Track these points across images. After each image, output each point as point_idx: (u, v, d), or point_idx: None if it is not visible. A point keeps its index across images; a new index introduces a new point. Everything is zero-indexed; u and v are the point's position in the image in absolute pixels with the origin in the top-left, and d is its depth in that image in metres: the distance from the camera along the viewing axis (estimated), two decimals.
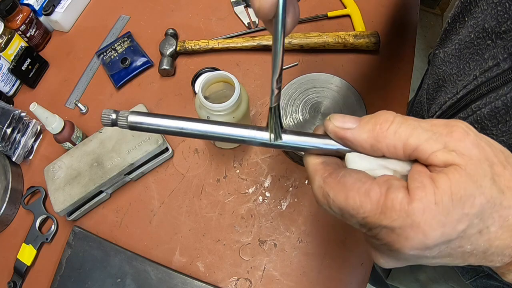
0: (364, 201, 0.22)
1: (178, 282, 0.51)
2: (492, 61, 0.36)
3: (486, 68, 0.37)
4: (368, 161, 0.25)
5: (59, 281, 0.53)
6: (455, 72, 0.43)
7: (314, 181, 0.26)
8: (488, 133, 0.37)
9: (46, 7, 0.72)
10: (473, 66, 0.39)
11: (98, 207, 0.59)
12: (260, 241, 0.54)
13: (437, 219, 0.21)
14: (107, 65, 0.69)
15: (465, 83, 0.40)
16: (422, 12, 1.87)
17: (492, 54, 0.36)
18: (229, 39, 0.67)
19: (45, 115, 0.55)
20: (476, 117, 0.38)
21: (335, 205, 0.24)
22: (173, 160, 0.61)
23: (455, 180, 0.21)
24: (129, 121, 0.26)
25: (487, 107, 0.36)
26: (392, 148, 0.23)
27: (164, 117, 0.26)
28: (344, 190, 0.23)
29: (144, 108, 0.59)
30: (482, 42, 0.37)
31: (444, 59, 0.46)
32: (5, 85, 0.69)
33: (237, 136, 0.27)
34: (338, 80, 0.57)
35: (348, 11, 0.67)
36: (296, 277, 0.51)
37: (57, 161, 0.57)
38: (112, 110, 0.27)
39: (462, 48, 0.42)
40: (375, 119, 0.24)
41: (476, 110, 0.38)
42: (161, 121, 0.26)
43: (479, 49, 0.38)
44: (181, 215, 0.57)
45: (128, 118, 0.26)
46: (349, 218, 0.24)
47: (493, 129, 0.36)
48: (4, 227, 0.61)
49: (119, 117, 0.26)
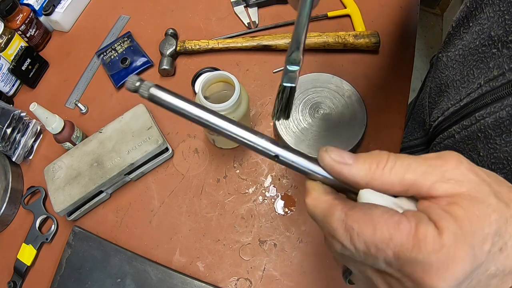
0: (395, 233, 0.21)
1: (178, 282, 0.51)
2: (497, 70, 0.35)
3: (491, 77, 0.36)
4: (383, 199, 0.24)
5: (59, 281, 0.53)
6: (459, 78, 0.42)
7: (334, 216, 0.24)
8: (491, 143, 0.36)
9: (46, 7, 0.72)
10: (477, 74, 0.39)
11: (98, 207, 0.59)
12: (260, 241, 0.54)
13: (467, 245, 0.21)
14: (107, 65, 0.69)
15: (469, 91, 0.40)
16: (422, 12, 1.88)
17: (498, 63, 0.35)
18: (229, 39, 0.67)
19: (45, 115, 0.55)
20: (479, 126, 0.37)
21: (360, 239, 0.22)
22: (173, 160, 0.61)
23: (465, 206, 0.21)
24: (150, 93, 0.27)
25: (491, 116, 0.36)
26: (388, 185, 0.23)
27: (185, 101, 0.27)
28: (371, 222, 0.22)
29: (144, 108, 0.59)
30: (487, 50, 0.37)
31: (447, 64, 0.45)
32: (5, 85, 0.69)
33: (249, 142, 0.27)
34: (338, 80, 0.57)
35: (348, 11, 0.67)
36: (296, 277, 0.51)
37: (57, 161, 0.57)
38: (138, 77, 0.27)
39: (466, 55, 0.41)
40: (371, 158, 0.24)
41: (480, 119, 0.37)
42: (181, 103, 0.27)
43: (483, 57, 0.38)
44: (181, 215, 0.57)
45: (150, 90, 0.27)
46: (375, 254, 0.22)
47: (496, 138, 0.36)
48: (4, 227, 0.61)
49: (141, 86, 0.27)
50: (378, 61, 0.63)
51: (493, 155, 0.37)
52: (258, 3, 0.70)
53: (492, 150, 0.37)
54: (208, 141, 0.61)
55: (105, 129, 0.59)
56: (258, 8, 0.71)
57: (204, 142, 0.61)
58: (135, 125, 0.58)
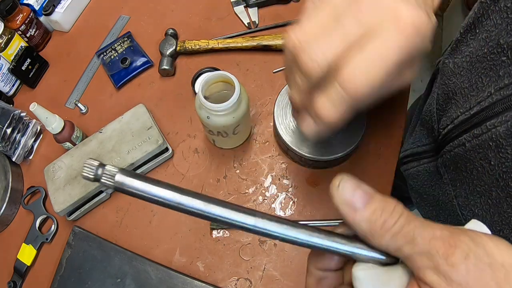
0: None
1: (178, 282, 0.51)
2: (508, 79, 0.35)
3: (502, 85, 0.36)
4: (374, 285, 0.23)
5: (59, 281, 0.53)
6: (467, 86, 0.42)
7: None
8: (503, 152, 0.36)
9: (46, 7, 0.72)
10: (487, 82, 0.38)
11: (98, 207, 0.59)
12: (260, 241, 0.54)
13: None
14: (107, 65, 0.69)
15: (479, 99, 0.39)
16: None
17: (508, 71, 0.35)
18: (229, 39, 0.67)
19: (45, 115, 0.55)
20: (491, 135, 0.37)
21: None
22: (173, 160, 0.61)
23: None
24: (116, 181, 0.22)
25: (503, 125, 0.35)
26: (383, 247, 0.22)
27: (160, 185, 0.22)
28: None
29: (144, 108, 0.59)
30: (497, 58, 0.37)
31: (454, 71, 0.45)
32: (5, 85, 0.69)
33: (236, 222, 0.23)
34: None
35: None
36: (296, 277, 0.51)
37: (57, 161, 0.57)
38: (98, 162, 0.22)
39: (474, 62, 0.41)
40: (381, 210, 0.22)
41: (491, 128, 0.37)
42: (156, 190, 0.22)
43: (492, 65, 0.37)
44: (181, 215, 0.56)
45: (116, 177, 0.22)
46: None
47: (508, 148, 0.35)
48: (4, 227, 0.61)
49: (104, 173, 0.22)
50: None
51: (505, 164, 0.36)
52: (258, 3, 0.70)
53: (503, 159, 0.36)
54: (208, 141, 0.61)
55: (105, 129, 0.59)
56: (258, 8, 0.71)
57: (204, 142, 0.61)
58: (135, 125, 0.58)
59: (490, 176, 0.39)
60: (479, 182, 0.41)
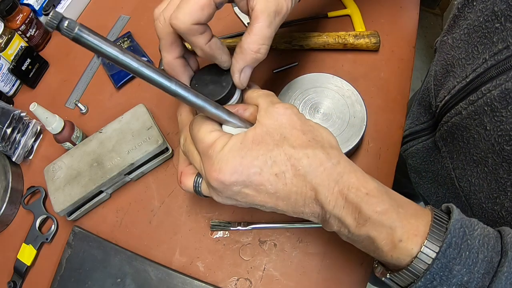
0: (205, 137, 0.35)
1: (178, 282, 0.51)
2: (501, 44, 0.36)
3: (496, 51, 0.37)
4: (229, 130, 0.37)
5: (59, 281, 0.53)
6: (464, 56, 0.43)
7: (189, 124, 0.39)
8: (498, 116, 0.37)
9: (46, 7, 0.72)
10: (482, 49, 0.39)
11: (98, 207, 0.59)
12: (260, 241, 0.54)
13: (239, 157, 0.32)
14: (107, 65, 0.69)
15: (474, 67, 0.40)
16: (422, 12, 1.87)
17: (501, 37, 0.36)
18: (229, 39, 0.67)
19: (45, 115, 0.55)
20: (486, 100, 0.38)
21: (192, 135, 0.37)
22: (173, 160, 0.61)
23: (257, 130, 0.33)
24: (76, 33, 0.26)
25: (497, 89, 0.36)
26: None
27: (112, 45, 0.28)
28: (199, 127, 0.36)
29: (144, 108, 0.59)
30: (491, 25, 0.38)
31: (453, 45, 0.46)
32: (5, 85, 0.69)
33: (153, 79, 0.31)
34: (338, 80, 0.57)
35: (348, 11, 0.67)
36: (296, 277, 0.51)
37: (57, 161, 0.57)
38: (61, 14, 0.26)
39: (471, 32, 0.42)
40: None
41: (486, 92, 0.38)
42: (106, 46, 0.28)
43: (487, 32, 0.38)
44: (181, 215, 0.57)
45: (76, 29, 0.26)
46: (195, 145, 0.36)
47: (502, 111, 0.36)
48: (4, 227, 0.61)
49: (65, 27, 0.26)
50: (378, 61, 0.63)
51: (500, 127, 0.37)
52: None
53: (498, 123, 0.37)
54: None
55: (105, 129, 0.59)
56: None
57: None
58: (135, 125, 0.58)
59: (486, 142, 0.40)
60: (476, 150, 0.42)
